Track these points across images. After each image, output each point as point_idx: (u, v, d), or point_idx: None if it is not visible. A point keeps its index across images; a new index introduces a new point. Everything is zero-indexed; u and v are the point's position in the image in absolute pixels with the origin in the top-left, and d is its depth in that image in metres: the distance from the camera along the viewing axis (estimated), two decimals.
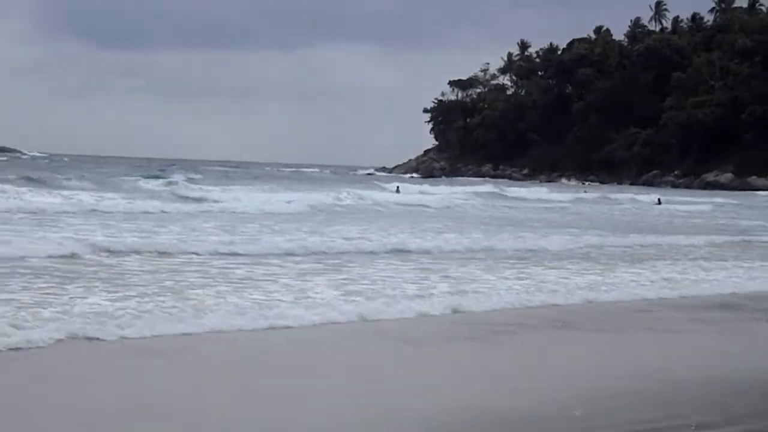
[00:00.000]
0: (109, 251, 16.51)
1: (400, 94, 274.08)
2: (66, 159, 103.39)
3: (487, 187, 65.76)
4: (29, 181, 39.62)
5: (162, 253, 16.79)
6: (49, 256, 15.32)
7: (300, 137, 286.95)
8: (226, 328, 10.58)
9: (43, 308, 10.64)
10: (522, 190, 65.35)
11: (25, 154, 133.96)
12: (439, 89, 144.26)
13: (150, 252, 16.82)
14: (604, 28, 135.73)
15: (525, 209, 44.25)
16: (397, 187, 57.11)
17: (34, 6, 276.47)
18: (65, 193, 32.59)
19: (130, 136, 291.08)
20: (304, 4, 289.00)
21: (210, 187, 43.32)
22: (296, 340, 10.49)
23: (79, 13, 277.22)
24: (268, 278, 14.44)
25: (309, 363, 9.49)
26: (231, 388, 8.17)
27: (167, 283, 13.33)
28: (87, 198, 31.01)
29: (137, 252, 16.71)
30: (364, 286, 13.97)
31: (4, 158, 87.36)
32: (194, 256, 16.82)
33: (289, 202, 35.79)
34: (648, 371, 9.48)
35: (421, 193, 53.94)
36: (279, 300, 12.34)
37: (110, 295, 11.94)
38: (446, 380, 8.84)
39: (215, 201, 35.09)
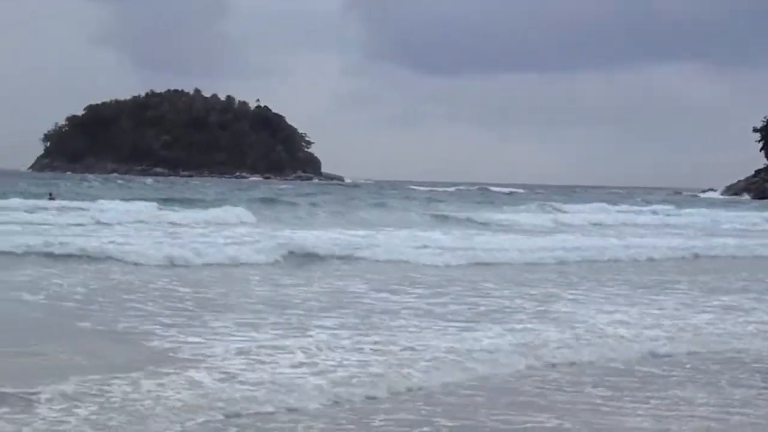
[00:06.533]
0: None
1: (724, 112, 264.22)
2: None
3: None
4: None
5: None
6: None
7: (620, 159, 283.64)
8: None
9: None
10: None
11: (354, 184, 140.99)
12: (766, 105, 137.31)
13: None
14: None
15: None
16: None
17: (364, 37, 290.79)
18: None
19: (450, 162, 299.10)
20: (618, 23, 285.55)
21: None
22: None
23: (404, 42, 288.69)
24: None
25: None
26: None
27: None
28: None
29: None
30: None
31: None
32: None
33: None
34: None
35: None
36: None
37: None
38: None
39: None
